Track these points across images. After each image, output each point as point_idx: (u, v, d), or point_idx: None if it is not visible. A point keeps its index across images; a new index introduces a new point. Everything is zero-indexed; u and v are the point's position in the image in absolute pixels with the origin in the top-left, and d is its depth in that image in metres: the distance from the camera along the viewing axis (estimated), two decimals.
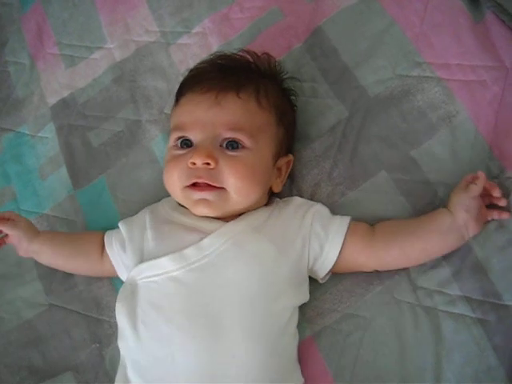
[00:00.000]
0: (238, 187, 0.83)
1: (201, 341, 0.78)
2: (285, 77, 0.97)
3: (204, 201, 0.83)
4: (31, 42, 1.26)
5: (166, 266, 0.83)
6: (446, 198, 0.87)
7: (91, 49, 1.20)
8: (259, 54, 0.96)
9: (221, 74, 0.89)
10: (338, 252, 0.85)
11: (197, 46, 1.11)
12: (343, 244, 0.85)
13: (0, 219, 0.96)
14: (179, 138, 0.87)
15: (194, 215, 0.87)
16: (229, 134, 0.84)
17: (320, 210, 0.90)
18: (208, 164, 0.82)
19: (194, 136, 0.85)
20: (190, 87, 0.90)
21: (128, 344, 0.83)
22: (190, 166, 0.83)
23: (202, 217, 0.87)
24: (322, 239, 0.85)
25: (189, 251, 0.83)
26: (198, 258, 0.82)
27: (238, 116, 0.85)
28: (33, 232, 0.98)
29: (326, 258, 0.86)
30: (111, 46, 1.19)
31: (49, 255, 0.99)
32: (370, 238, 0.85)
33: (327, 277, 0.89)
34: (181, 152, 0.86)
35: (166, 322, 0.80)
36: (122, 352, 0.86)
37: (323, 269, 0.87)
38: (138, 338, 0.81)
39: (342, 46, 1.01)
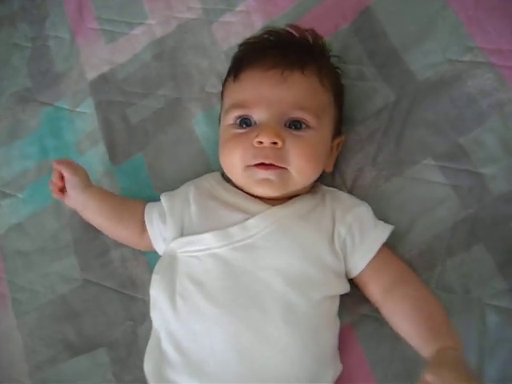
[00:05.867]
0: (301, 168, 0.82)
1: (239, 320, 0.76)
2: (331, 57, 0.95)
3: (267, 181, 0.82)
4: (72, 16, 1.24)
5: (209, 242, 0.81)
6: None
7: (132, 24, 1.18)
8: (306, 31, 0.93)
9: (282, 51, 0.85)
10: (365, 264, 0.83)
11: (240, 24, 1.09)
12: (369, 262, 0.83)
13: (62, 163, 0.95)
14: (240, 116, 0.85)
15: (240, 195, 0.86)
16: (296, 114, 0.82)
17: (363, 212, 0.86)
18: (275, 143, 0.80)
19: (258, 114, 0.83)
20: (250, 63, 0.86)
21: (164, 315, 0.82)
22: (256, 145, 0.80)
23: (248, 198, 0.85)
24: (357, 245, 0.83)
25: (233, 230, 0.81)
26: (242, 238, 0.81)
27: (305, 95, 0.83)
28: (88, 182, 0.97)
29: (355, 265, 0.84)
30: (152, 22, 1.16)
31: (93, 211, 0.96)
32: (388, 290, 0.81)
33: None
34: (241, 131, 0.84)
35: (205, 298, 0.78)
36: (156, 323, 0.84)
37: (350, 273, 0.85)
38: (175, 311, 0.80)
39: (391, 28, 0.98)
